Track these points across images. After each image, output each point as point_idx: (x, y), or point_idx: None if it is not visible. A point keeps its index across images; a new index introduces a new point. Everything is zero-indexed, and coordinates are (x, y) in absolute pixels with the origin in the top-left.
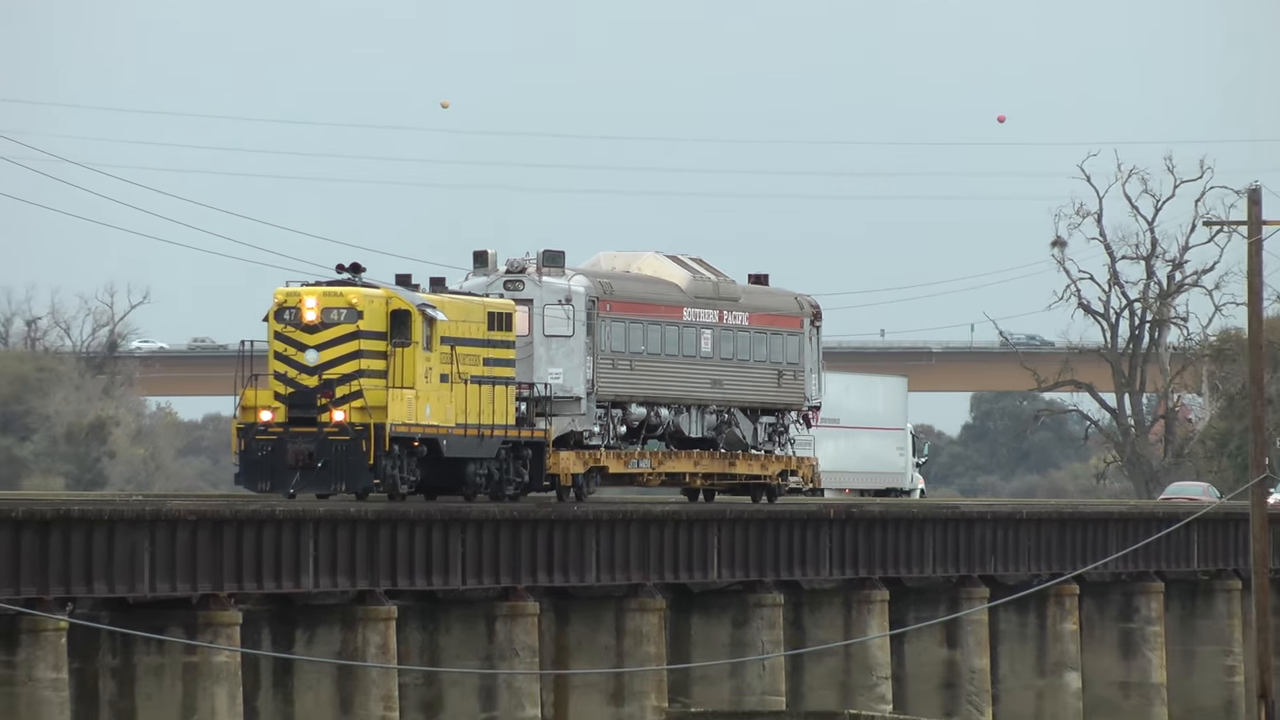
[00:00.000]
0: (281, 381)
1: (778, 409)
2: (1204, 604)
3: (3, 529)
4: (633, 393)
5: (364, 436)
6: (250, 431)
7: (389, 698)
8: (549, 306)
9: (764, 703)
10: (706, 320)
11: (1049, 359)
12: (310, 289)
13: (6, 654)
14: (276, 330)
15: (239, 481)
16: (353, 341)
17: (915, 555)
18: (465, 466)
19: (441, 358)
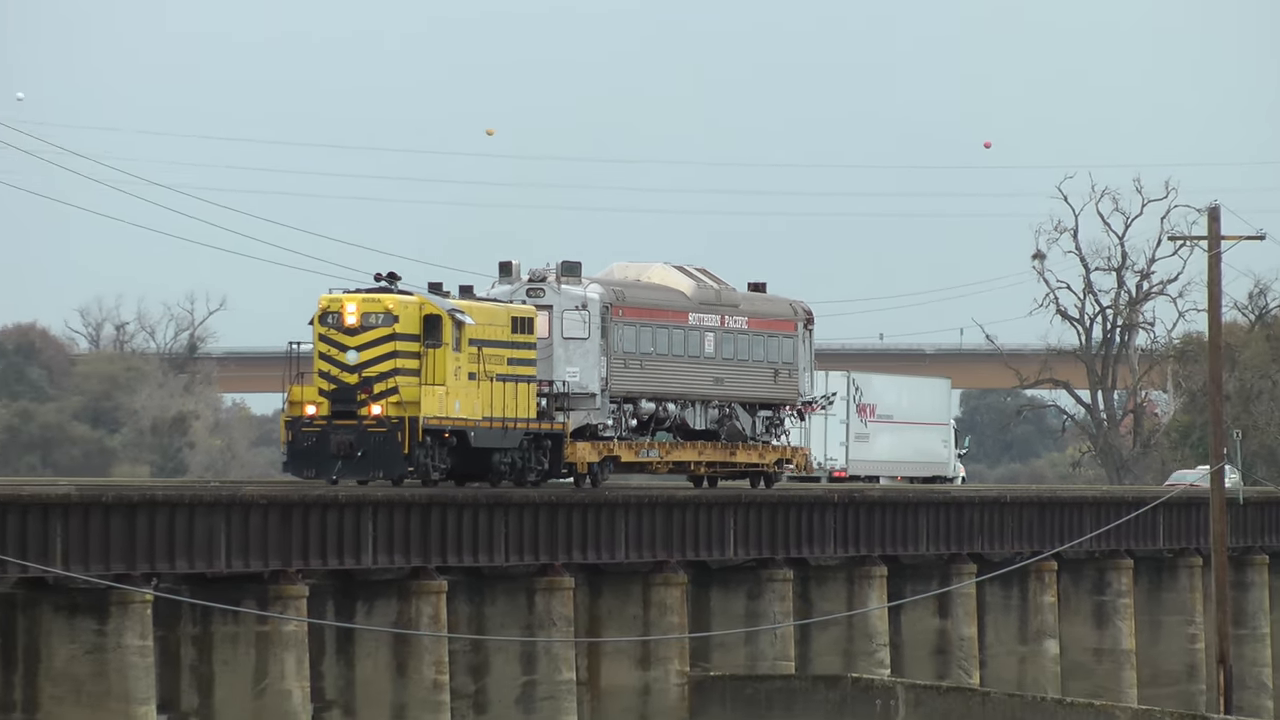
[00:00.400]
0: (325, 379)
1: (774, 404)
2: (1169, 579)
3: (94, 512)
4: (643, 389)
5: (399, 428)
6: (297, 424)
7: (440, 663)
8: (567, 312)
9: (775, 667)
10: (709, 324)
11: (1030, 359)
12: (351, 295)
13: (98, 624)
14: (320, 333)
15: (286, 469)
16: (389, 343)
17: (911, 535)
18: (491, 456)
19: (469, 357)
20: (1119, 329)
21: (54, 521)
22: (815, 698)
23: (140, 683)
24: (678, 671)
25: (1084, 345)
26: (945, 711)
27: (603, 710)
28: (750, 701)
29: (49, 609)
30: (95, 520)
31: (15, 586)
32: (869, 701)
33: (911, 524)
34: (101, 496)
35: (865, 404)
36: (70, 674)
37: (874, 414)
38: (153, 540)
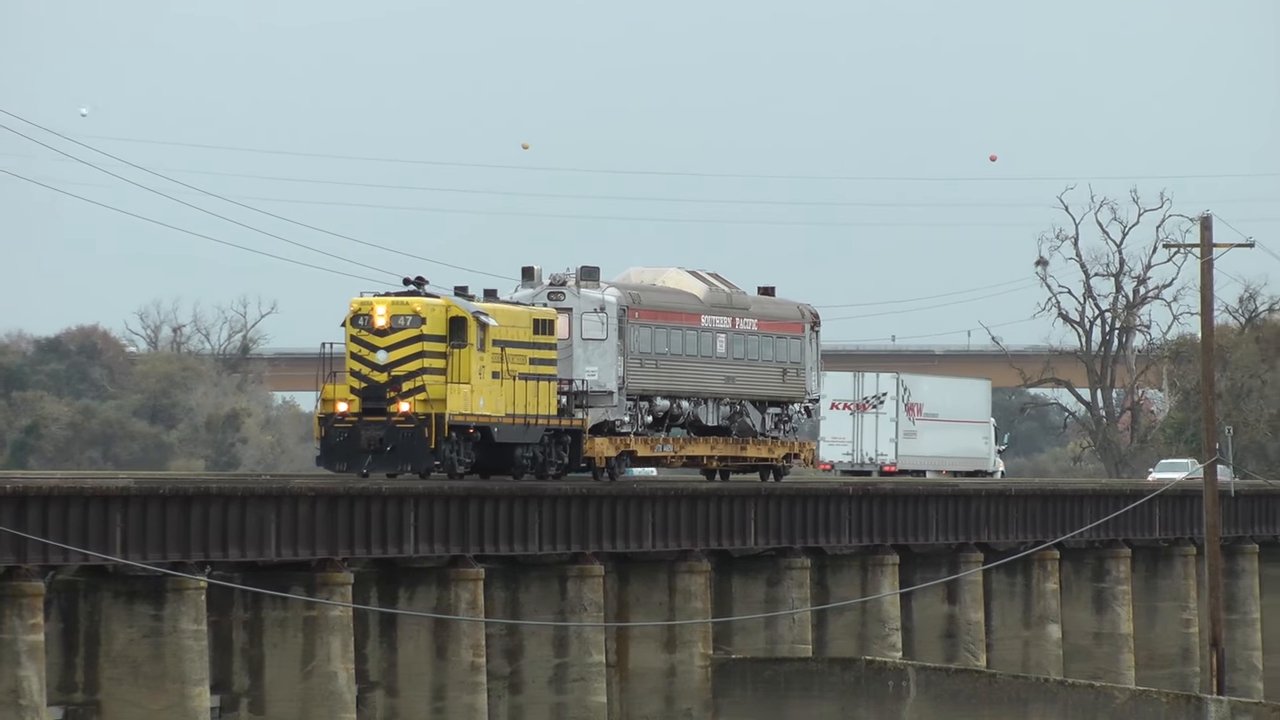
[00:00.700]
0: (356, 377)
1: (782, 401)
2: (1164, 567)
3: (151, 503)
4: (658, 387)
5: (426, 424)
6: (329, 420)
7: (477, 646)
8: (586, 314)
9: (794, 650)
10: (721, 326)
11: (1033, 360)
12: (381, 299)
13: (155, 609)
14: (352, 334)
15: (319, 463)
16: (417, 343)
17: (921, 526)
18: (514, 450)
19: (493, 357)
20: (1117, 331)
21: (114, 512)
22: (831, 679)
23: (194, 665)
24: (701, 654)
25: (1084, 346)
26: (954, 692)
27: (630, 691)
28: (770, 683)
29: (109, 595)
30: (152, 511)
31: (77, 574)
32: (882, 683)
33: (921, 515)
34: (158, 489)
35: (913, 403)
36: (128, 656)
37: (921, 412)
38: (206, 530)
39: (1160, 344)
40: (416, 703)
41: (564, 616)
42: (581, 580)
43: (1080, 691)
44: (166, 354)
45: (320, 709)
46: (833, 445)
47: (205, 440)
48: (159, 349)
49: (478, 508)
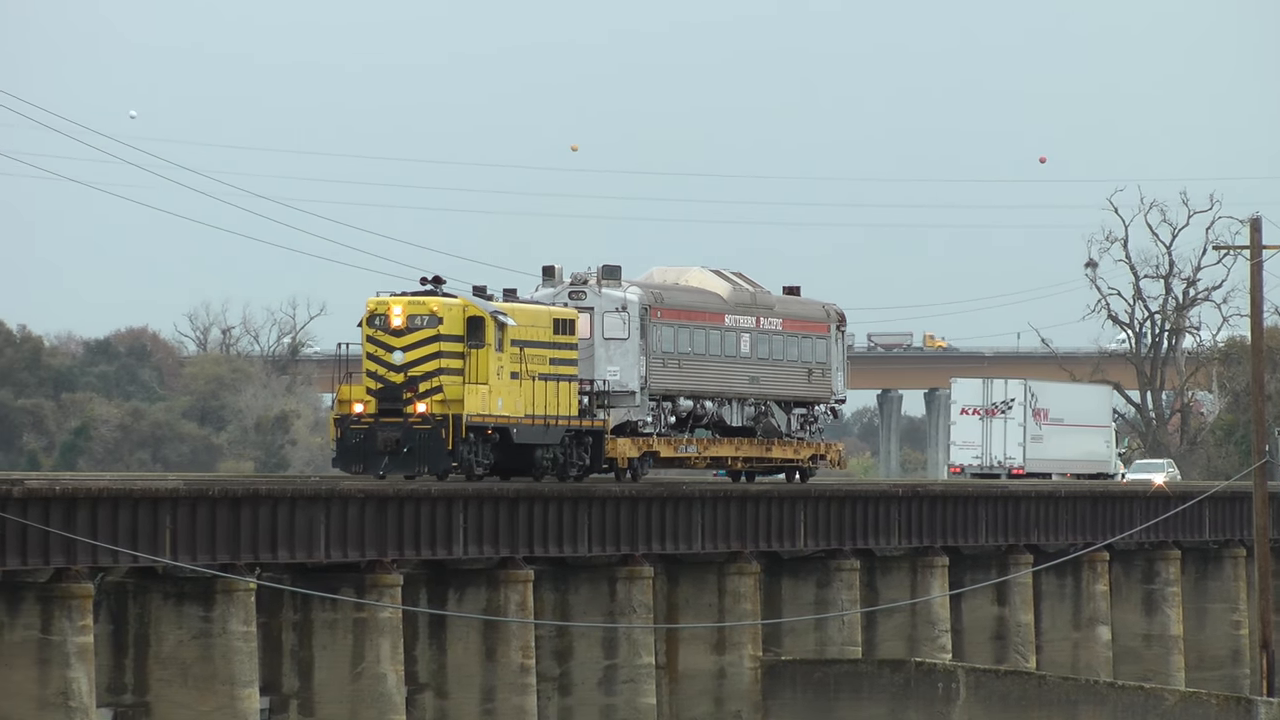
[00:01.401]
0: (372, 378)
1: (808, 402)
2: (1214, 569)
3: (201, 504)
4: (680, 387)
5: (443, 425)
6: (345, 421)
7: (527, 647)
8: (607, 314)
9: (843, 652)
10: (745, 325)
11: (1083, 362)
12: (397, 298)
13: (204, 610)
14: (368, 334)
15: (335, 464)
16: (434, 344)
17: (971, 527)
18: (533, 451)
19: (512, 357)
20: (1167, 333)
21: (163, 514)
22: (880, 681)
23: (244, 666)
24: (750, 656)
25: (1134, 348)
26: (1003, 694)
27: (680, 692)
28: (819, 685)
29: (158, 597)
30: (202, 513)
31: (127, 575)
32: (931, 685)
33: (971, 517)
34: (208, 490)
35: (1040, 408)
36: (178, 658)
37: (1047, 417)
38: (256, 532)
39: (1210, 346)
40: (466, 704)
41: (613, 618)
42: (631, 582)
43: (1130, 693)
44: (216, 356)
45: (370, 711)
46: (963, 449)
47: (254, 442)
48: (208, 351)
49: (527, 509)
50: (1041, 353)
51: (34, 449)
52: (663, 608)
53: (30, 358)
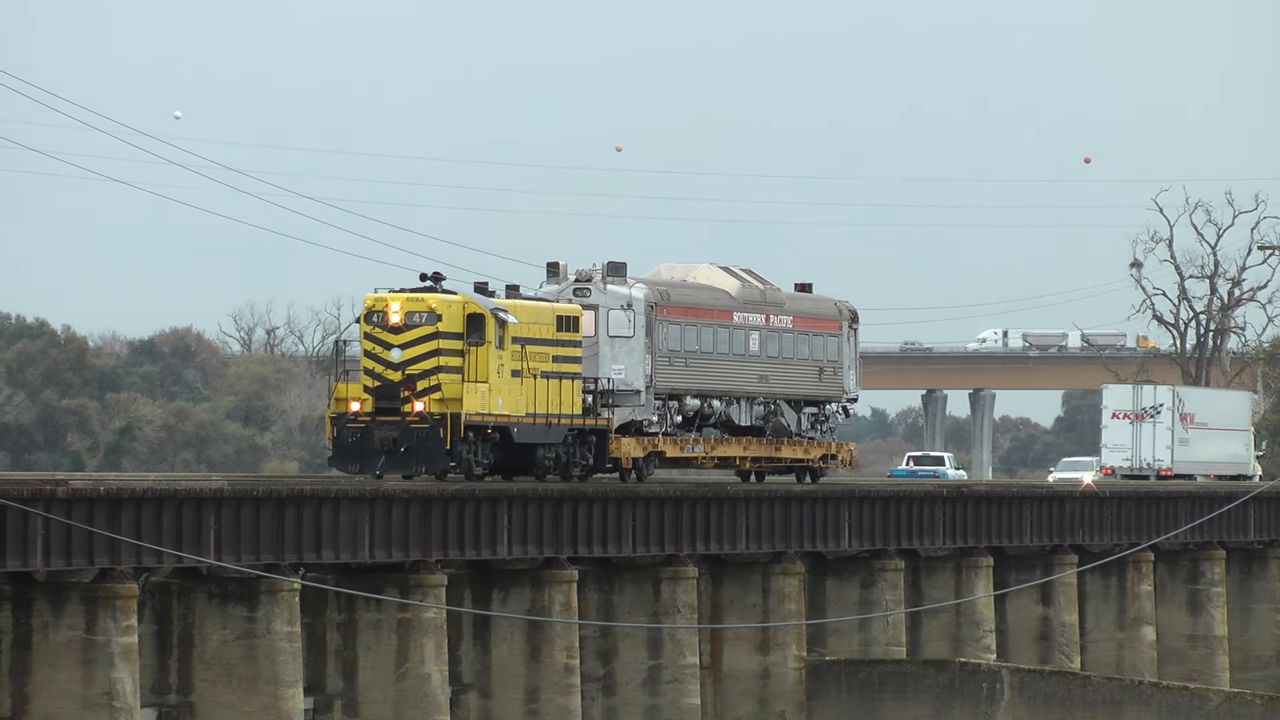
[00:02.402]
0: (370, 376)
1: (819, 401)
2: (1259, 569)
3: (245, 505)
4: (687, 386)
5: (441, 424)
6: (342, 420)
7: (571, 648)
8: (612, 311)
9: (888, 652)
10: (754, 323)
11: (1128, 361)
12: (395, 295)
13: (249, 610)
14: (366, 331)
15: (331, 464)
16: (432, 341)
17: (1015, 527)
18: (535, 451)
19: (513, 355)
20: (1212, 333)
21: (207, 514)
22: (925, 681)
23: (288, 666)
24: (795, 656)
25: (1179, 348)
26: (1048, 694)
27: (724, 693)
28: (864, 685)
29: (202, 597)
30: (246, 513)
31: (171, 576)
32: (976, 685)
33: (1016, 517)
34: (252, 491)
35: (1186, 413)
36: (222, 658)
37: (1193, 422)
38: (300, 532)
39: (1255, 346)
40: (510, 704)
41: (658, 618)
42: (675, 582)
43: (1174, 694)
44: (260, 356)
45: (414, 711)
46: (1113, 452)
47: (299, 442)
48: (252, 351)
49: (571, 510)
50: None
51: (78, 449)
52: (707, 608)
53: (75, 358)
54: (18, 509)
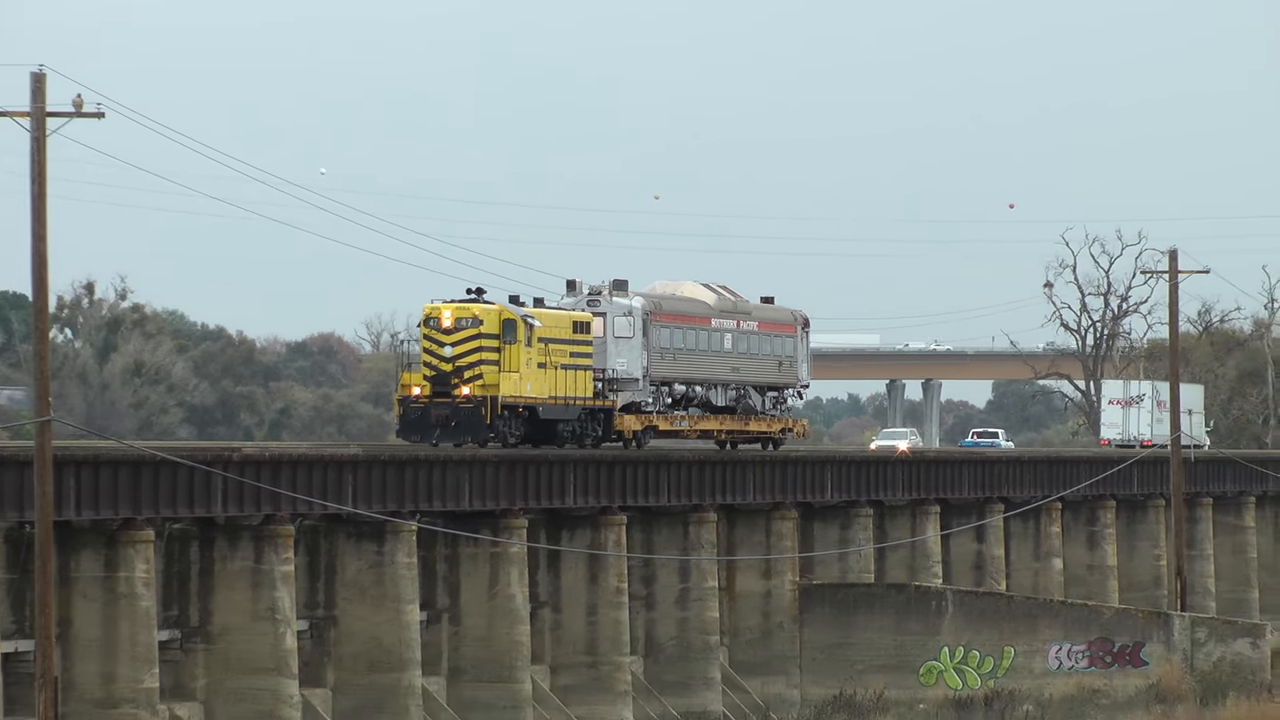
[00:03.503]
0: (427, 367)
1: (778, 387)
2: (1140, 515)
3: (375, 466)
4: (675, 375)
5: (483, 405)
6: (406, 401)
7: (621, 574)
8: (617, 317)
9: (860, 578)
10: (728, 327)
11: (1041, 359)
12: (447, 304)
13: (378, 546)
14: (424, 333)
15: (398, 435)
16: (476, 340)
17: (956, 483)
18: (556, 425)
19: (539, 351)
20: (1105, 337)
21: (346, 473)
22: (888, 600)
23: (408, 588)
24: (790, 581)
25: (1081, 349)
26: (981, 610)
27: (736, 608)
28: (842, 603)
29: (343, 536)
30: (375, 472)
31: (319, 520)
32: (927, 602)
33: (957, 475)
34: (380, 456)
35: (1160, 400)
36: (358, 582)
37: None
38: (417, 487)
39: (1138, 347)
40: (575, 617)
41: (686, 552)
42: (700, 525)
43: (1077, 609)
44: (386, 354)
45: (503, 622)
46: (1109, 428)
47: None
48: (380, 350)
49: (622, 470)
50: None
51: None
52: (724, 544)
53: (245, 355)
54: (203, 470)
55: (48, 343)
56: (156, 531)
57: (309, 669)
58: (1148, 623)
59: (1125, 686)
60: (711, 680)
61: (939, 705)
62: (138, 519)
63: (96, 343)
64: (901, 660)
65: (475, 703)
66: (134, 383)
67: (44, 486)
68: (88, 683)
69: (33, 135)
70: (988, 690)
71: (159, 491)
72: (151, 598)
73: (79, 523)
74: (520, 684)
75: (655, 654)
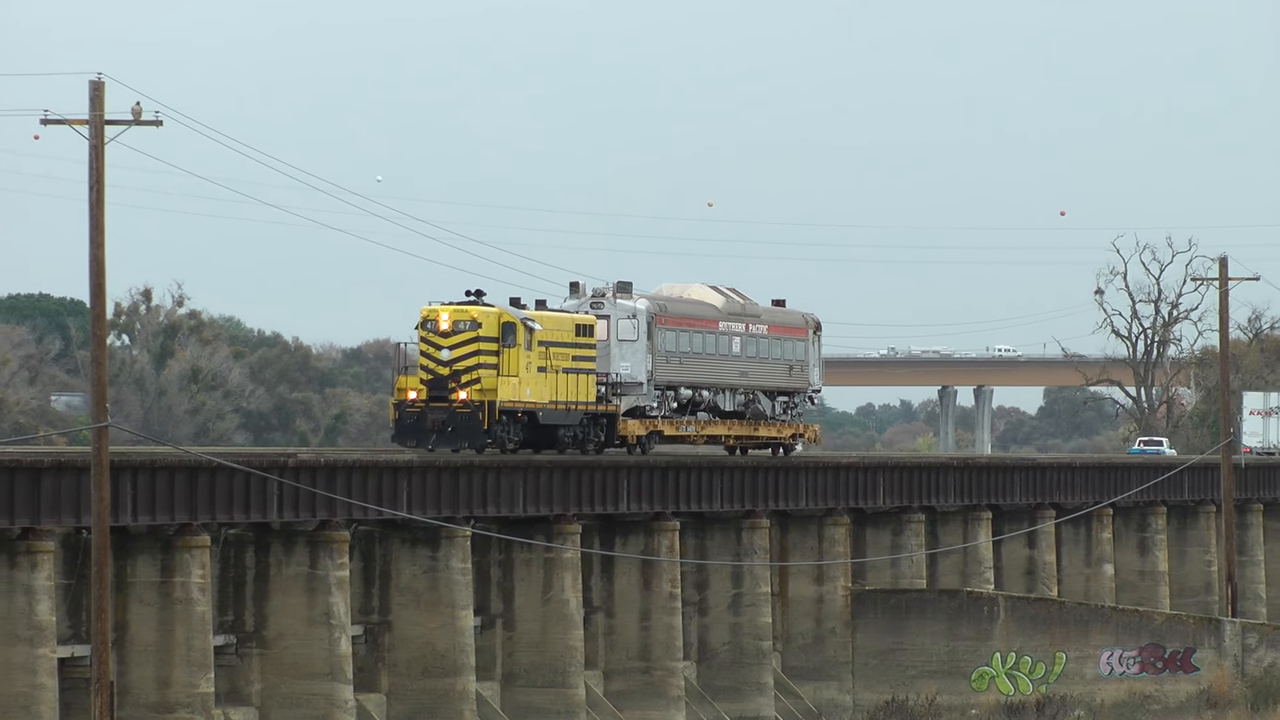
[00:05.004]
0: (424, 370)
1: (789, 392)
2: (1191, 521)
3: (429, 472)
4: (681, 379)
5: (480, 409)
6: (402, 405)
7: (674, 580)
8: (621, 320)
9: (912, 584)
10: (736, 330)
11: (1092, 365)
12: (445, 307)
13: (432, 551)
14: (421, 336)
15: (394, 440)
16: (474, 344)
17: (1008, 489)
18: (557, 430)
19: (539, 355)
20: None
21: (401, 479)
22: (941, 605)
23: (462, 593)
24: (842, 586)
25: (1131, 355)
26: (1033, 615)
27: (789, 614)
28: (894, 608)
29: (397, 541)
30: (430, 478)
31: (374, 525)
32: (979, 608)
33: (1008, 481)
34: (435, 462)
35: None
36: (412, 587)
37: None
38: (471, 492)
39: (1188, 353)
40: (628, 622)
41: (739, 558)
42: (753, 531)
43: (1128, 615)
44: None
45: (556, 627)
46: (1251, 437)
47: None
48: None
49: (674, 476)
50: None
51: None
52: (776, 550)
53: (301, 361)
54: (259, 475)
55: (105, 349)
56: (212, 537)
57: (363, 674)
58: (1199, 628)
59: (1176, 692)
60: (764, 685)
61: (991, 711)
62: (194, 524)
63: (154, 349)
64: (953, 666)
65: (529, 708)
66: (190, 389)
67: (101, 492)
68: (143, 687)
69: (91, 143)
70: (1039, 696)
71: (215, 497)
72: (207, 603)
73: (135, 528)
74: (574, 689)
75: (708, 659)
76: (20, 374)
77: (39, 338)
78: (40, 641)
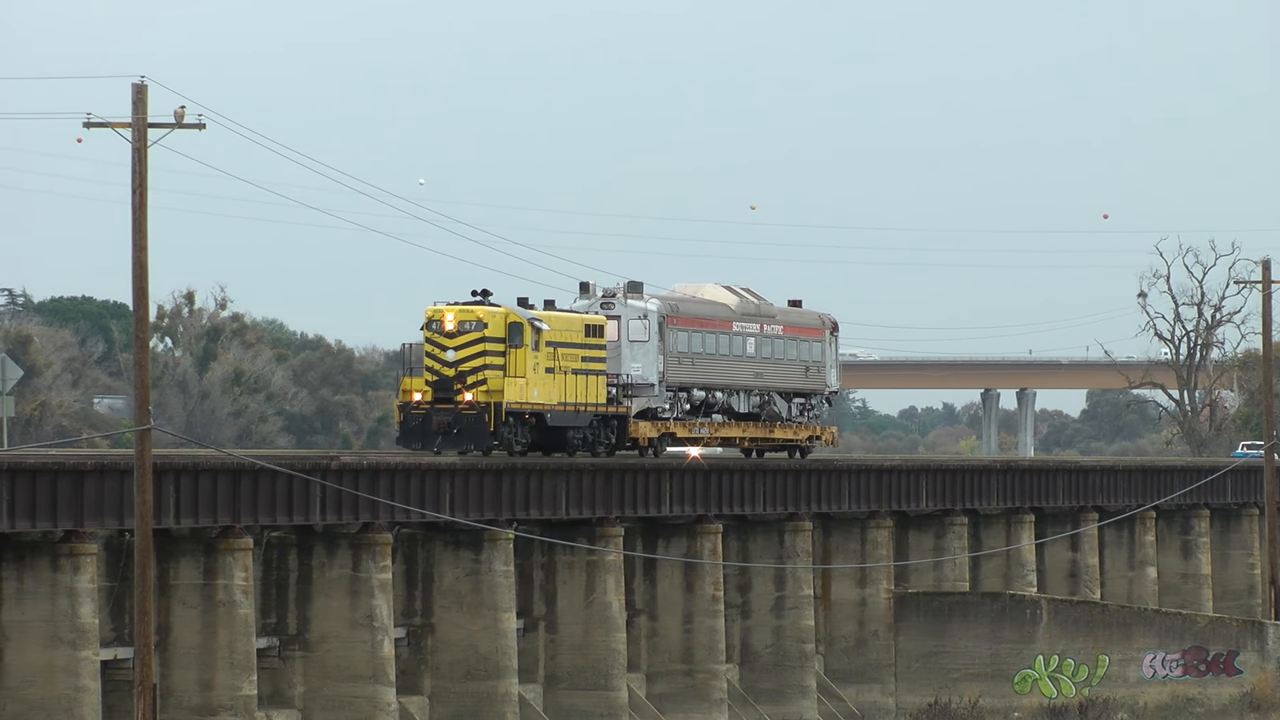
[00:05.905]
0: (429, 372)
1: (805, 393)
2: (1234, 523)
3: (472, 476)
4: (694, 381)
5: (487, 411)
6: (407, 407)
7: (717, 583)
8: (631, 321)
9: (955, 586)
10: (750, 331)
11: (1135, 368)
12: (450, 307)
13: (475, 554)
14: (427, 336)
15: (399, 442)
16: (480, 344)
17: (1051, 492)
18: (566, 432)
19: (547, 356)
20: (1199, 347)
21: (444, 482)
22: (983, 608)
23: (504, 596)
24: (885, 589)
25: (1174, 358)
26: (1075, 618)
27: (832, 617)
28: (937, 611)
29: (440, 544)
30: (473, 481)
31: (417, 528)
32: (1021, 611)
33: (1051, 484)
34: (477, 465)
35: None
36: (455, 590)
37: None
38: (514, 495)
39: (1231, 356)
40: (671, 625)
41: (782, 560)
42: (795, 533)
43: (1172, 618)
44: None
45: (599, 630)
46: None
47: None
48: None
49: (717, 478)
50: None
51: (347, 433)
52: (819, 553)
53: (344, 364)
54: (302, 478)
55: (148, 352)
56: (255, 539)
57: (406, 677)
58: (1242, 631)
59: (1219, 695)
60: (807, 688)
61: (1033, 713)
62: (236, 527)
63: (196, 352)
64: (996, 669)
65: (572, 710)
66: (233, 391)
67: (144, 494)
68: (186, 690)
69: (134, 146)
70: (1082, 699)
71: (258, 499)
72: (250, 605)
73: (178, 530)
74: (616, 692)
75: (751, 662)
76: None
77: (82, 340)
78: (83, 644)
